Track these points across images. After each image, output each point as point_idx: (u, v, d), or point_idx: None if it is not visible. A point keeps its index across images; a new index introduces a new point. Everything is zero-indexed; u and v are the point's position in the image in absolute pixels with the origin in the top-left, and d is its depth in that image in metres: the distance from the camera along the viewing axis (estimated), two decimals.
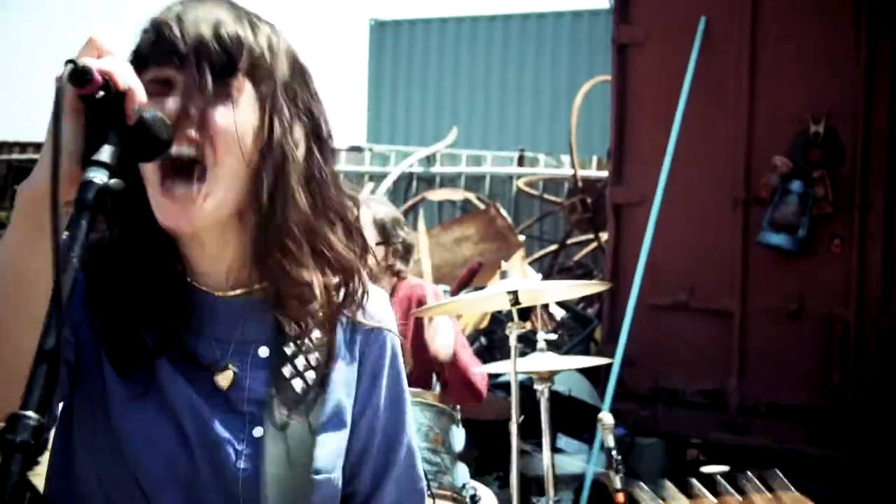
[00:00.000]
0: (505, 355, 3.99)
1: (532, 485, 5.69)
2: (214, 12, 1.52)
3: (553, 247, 9.17)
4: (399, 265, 4.28)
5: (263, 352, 1.62)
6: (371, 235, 4.15)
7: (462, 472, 3.72)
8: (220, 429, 1.57)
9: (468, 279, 7.03)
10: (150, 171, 1.48)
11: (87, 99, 1.29)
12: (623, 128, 6.50)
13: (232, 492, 1.57)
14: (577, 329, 6.66)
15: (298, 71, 1.59)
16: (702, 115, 6.12)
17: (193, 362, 1.59)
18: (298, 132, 1.57)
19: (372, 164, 10.66)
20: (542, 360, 3.93)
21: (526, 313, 7.04)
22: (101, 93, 1.29)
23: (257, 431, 1.59)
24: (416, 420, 3.63)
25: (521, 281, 3.80)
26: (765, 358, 6.01)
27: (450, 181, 10.67)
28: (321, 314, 1.62)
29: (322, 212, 1.59)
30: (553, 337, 4.07)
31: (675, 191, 6.07)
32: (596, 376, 6.27)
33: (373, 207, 4.28)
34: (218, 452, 1.57)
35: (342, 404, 1.66)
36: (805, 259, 5.93)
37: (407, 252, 4.33)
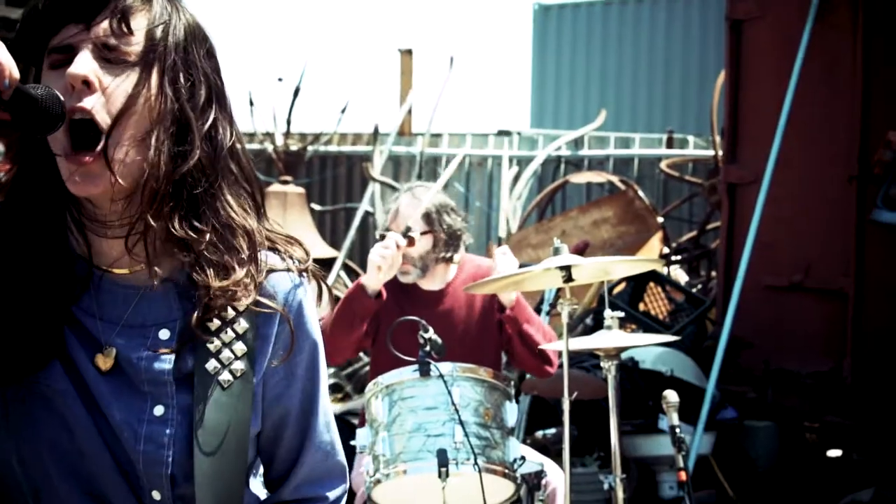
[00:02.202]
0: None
1: (631, 465, 5.70)
2: None
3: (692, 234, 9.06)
4: (446, 253, 4.35)
5: (164, 334, 1.61)
6: (417, 224, 4.26)
7: (514, 447, 3.78)
8: (116, 410, 1.57)
9: None
10: (57, 143, 1.51)
11: None
12: (737, 105, 6.39)
13: (132, 475, 1.58)
14: (690, 310, 6.58)
15: (200, 38, 1.61)
16: (815, 90, 5.96)
17: (87, 341, 1.59)
18: (198, 99, 1.58)
19: (520, 148, 10.73)
20: (608, 338, 3.95)
21: (639, 294, 7.02)
22: None
23: (158, 410, 1.59)
24: (465, 395, 3.72)
25: (573, 257, 3.82)
26: (880, 339, 5.82)
27: (598, 164, 10.64)
28: (232, 293, 1.60)
29: (225, 179, 1.60)
30: (621, 314, 4.06)
31: (787, 169, 5.94)
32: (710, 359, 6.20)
33: (417, 195, 4.39)
34: (115, 433, 1.57)
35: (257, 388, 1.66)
36: None
37: (452, 238, 4.36)
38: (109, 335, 1.59)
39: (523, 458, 3.84)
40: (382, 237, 4.22)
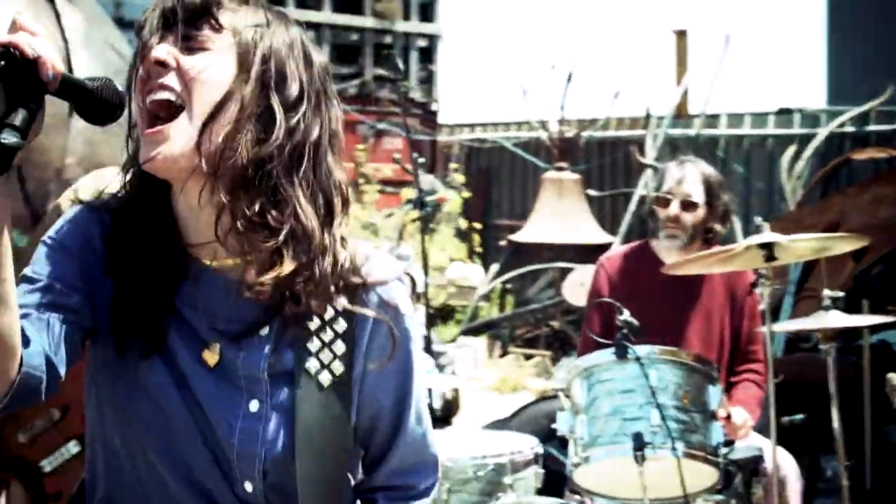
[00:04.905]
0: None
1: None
2: None
3: None
4: (717, 227, 4.29)
5: (263, 330, 1.66)
6: (698, 192, 4.21)
7: (717, 432, 3.67)
8: (214, 403, 1.64)
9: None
10: (139, 122, 1.62)
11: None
12: None
13: (226, 466, 1.65)
14: None
15: (299, 48, 1.69)
16: None
17: (189, 334, 1.66)
18: (288, 94, 1.64)
19: (802, 126, 10.29)
20: (826, 319, 3.79)
21: None
22: (2, 62, 1.38)
23: (253, 405, 1.65)
24: (664, 377, 3.65)
25: (774, 235, 3.67)
26: None
27: (886, 140, 10.04)
28: (314, 289, 1.64)
29: (302, 176, 1.64)
30: (839, 294, 3.87)
31: None
32: None
33: (700, 166, 4.34)
34: (212, 426, 1.64)
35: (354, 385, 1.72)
36: None
37: (725, 217, 4.32)
38: (211, 329, 1.67)
39: (731, 442, 3.73)
40: (658, 199, 4.24)
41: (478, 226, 12.31)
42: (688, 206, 4.21)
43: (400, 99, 5.00)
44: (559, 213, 10.53)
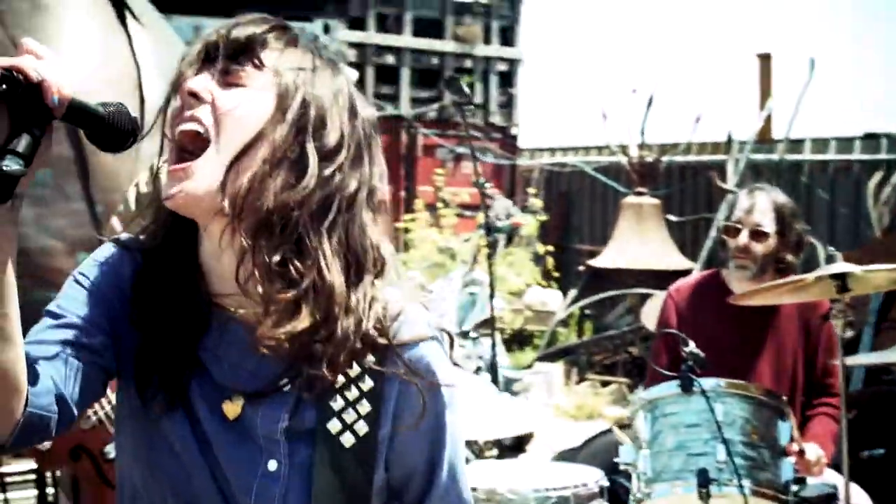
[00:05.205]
0: None
1: None
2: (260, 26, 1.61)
3: None
4: (789, 257, 4.15)
5: (286, 387, 1.60)
6: (769, 221, 4.09)
7: (787, 468, 3.54)
8: (232, 460, 1.60)
9: None
10: (168, 156, 1.57)
11: (2, 94, 1.34)
12: None
13: None
14: None
15: (345, 98, 1.63)
16: None
17: (210, 385, 1.61)
18: (325, 143, 1.58)
19: (889, 152, 10.02)
20: None
21: None
22: (3, 86, 1.33)
23: (272, 465, 1.60)
24: (731, 412, 3.54)
25: (848, 265, 3.54)
26: None
27: None
28: (338, 347, 1.56)
29: (331, 229, 1.57)
30: None
31: None
32: None
33: (772, 194, 4.21)
34: (228, 482, 1.60)
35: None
36: None
37: (798, 247, 4.19)
38: (233, 381, 1.61)
39: (803, 479, 3.60)
40: (727, 229, 4.13)
41: (553, 248, 12.21)
42: (758, 235, 4.09)
43: (465, 122, 4.91)
44: (638, 239, 10.41)
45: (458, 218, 11.88)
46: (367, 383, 1.61)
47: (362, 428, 1.60)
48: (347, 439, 1.60)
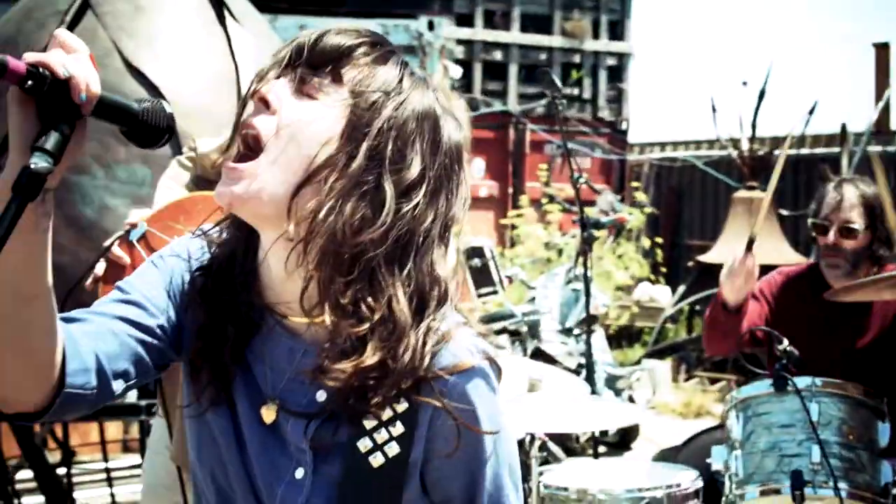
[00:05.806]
0: None
1: None
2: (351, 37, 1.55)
3: None
4: (881, 251, 4.01)
5: (321, 395, 1.57)
6: (858, 216, 3.95)
7: (886, 471, 3.41)
8: (263, 463, 1.59)
9: None
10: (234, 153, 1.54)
11: (30, 91, 1.32)
12: None
13: None
14: None
15: (431, 125, 1.56)
16: None
17: (252, 387, 1.61)
18: (404, 176, 1.52)
19: None
20: None
21: None
22: (30, 82, 1.31)
23: (299, 473, 1.58)
24: (826, 412, 3.42)
25: None
26: None
27: None
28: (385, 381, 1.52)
29: (401, 268, 1.52)
30: None
31: None
32: None
33: (860, 187, 4.06)
34: (258, 485, 1.60)
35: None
36: None
37: (889, 240, 4.03)
38: (273, 386, 1.60)
39: None
40: (815, 226, 4.01)
41: (660, 241, 12.03)
42: (847, 232, 3.94)
43: (558, 115, 4.82)
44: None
45: (563, 213, 11.78)
46: (402, 405, 1.54)
47: (393, 449, 1.55)
48: (377, 459, 1.55)
